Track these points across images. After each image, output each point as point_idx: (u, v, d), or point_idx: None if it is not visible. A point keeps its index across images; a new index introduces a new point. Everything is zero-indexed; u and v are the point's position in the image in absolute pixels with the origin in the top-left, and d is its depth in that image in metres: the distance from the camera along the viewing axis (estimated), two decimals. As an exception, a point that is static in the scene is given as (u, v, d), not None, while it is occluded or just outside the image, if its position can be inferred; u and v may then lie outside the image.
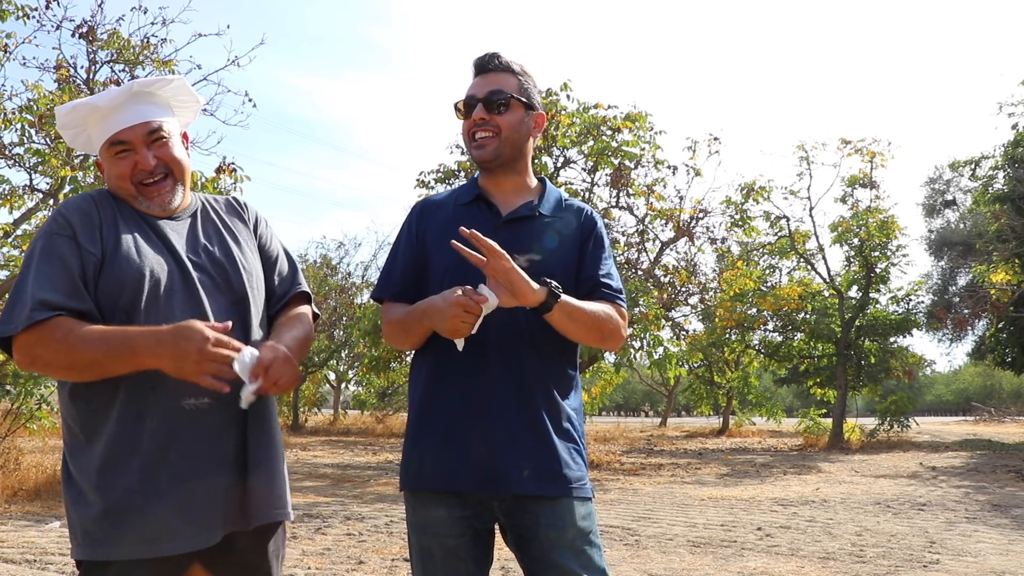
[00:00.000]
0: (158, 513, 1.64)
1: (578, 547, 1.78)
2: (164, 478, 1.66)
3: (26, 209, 7.71)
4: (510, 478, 1.77)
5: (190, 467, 1.68)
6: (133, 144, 1.78)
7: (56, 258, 1.67)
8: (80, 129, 1.87)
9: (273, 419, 1.88)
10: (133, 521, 1.63)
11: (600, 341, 1.87)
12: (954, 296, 25.08)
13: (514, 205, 1.93)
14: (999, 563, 5.21)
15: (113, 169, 1.79)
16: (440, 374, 1.85)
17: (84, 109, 1.82)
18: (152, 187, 1.79)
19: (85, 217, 1.73)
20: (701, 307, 15.68)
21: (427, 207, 2.00)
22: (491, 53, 1.94)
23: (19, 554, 5.08)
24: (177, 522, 1.65)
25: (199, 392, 1.68)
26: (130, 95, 1.81)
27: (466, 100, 1.92)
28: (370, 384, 26.13)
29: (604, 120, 12.46)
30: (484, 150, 1.90)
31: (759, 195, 16.11)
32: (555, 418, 1.84)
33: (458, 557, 1.80)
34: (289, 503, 1.87)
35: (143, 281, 1.71)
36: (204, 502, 1.69)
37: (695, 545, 5.88)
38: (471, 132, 1.91)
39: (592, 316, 1.82)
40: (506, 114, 1.89)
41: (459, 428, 1.80)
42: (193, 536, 1.67)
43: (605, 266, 1.94)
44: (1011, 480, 10.59)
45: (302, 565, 4.99)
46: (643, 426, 32.52)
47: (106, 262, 1.71)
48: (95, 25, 7.69)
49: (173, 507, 1.65)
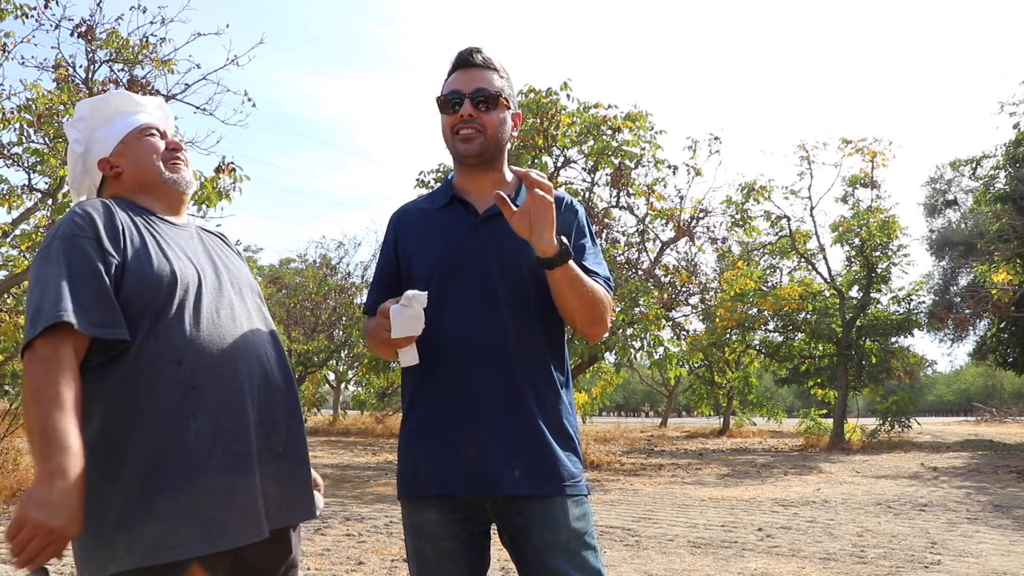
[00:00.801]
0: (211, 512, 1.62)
1: (572, 548, 1.74)
2: (211, 477, 1.64)
3: (24, 209, 7.69)
4: (502, 478, 1.74)
5: (237, 465, 1.67)
6: (162, 132, 1.96)
7: (80, 267, 1.63)
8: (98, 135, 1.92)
9: (300, 412, 1.90)
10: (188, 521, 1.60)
11: (590, 321, 1.82)
12: (955, 296, 25.04)
13: (491, 202, 1.90)
14: (1000, 564, 5.19)
15: (144, 147, 1.90)
16: (427, 378, 1.82)
17: (100, 102, 1.96)
18: (177, 162, 1.92)
19: (105, 220, 1.71)
20: (701, 307, 15.66)
21: (403, 216, 1.98)
22: (473, 48, 1.91)
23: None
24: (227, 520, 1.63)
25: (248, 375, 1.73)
26: (160, 103, 2.04)
27: (450, 96, 1.88)
28: (369, 384, 26.12)
29: (604, 120, 12.44)
30: (470, 144, 1.86)
31: (760, 195, 16.10)
32: (546, 415, 1.81)
33: (452, 560, 1.78)
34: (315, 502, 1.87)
35: (174, 285, 1.70)
36: (249, 499, 1.67)
37: (695, 546, 5.86)
38: (455, 128, 1.88)
39: (590, 290, 1.80)
40: (492, 112, 1.87)
41: (449, 430, 1.78)
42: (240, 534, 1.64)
43: (590, 255, 1.92)
44: (1013, 481, 10.57)
45: (301, 566, 4.97)
46: (643, 426, 32.52)
47: (129, 264, 1.69)
48: (94, 24, 7.67)
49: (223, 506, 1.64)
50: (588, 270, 1.86)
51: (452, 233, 1.86)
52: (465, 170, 1.93)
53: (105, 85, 7.77)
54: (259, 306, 1.91)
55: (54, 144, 7.15)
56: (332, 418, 27.98)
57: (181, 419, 1.63)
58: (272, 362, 1.81)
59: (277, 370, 1.82)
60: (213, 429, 1.65)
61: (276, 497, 1.74)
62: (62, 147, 7.16)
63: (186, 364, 1.66)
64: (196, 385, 1.66)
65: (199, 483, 1.62)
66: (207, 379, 1.67)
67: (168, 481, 1.60)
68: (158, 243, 1.76)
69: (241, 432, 1.68)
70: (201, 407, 1.65)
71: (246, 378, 1.72)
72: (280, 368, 1.83)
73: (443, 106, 1.89)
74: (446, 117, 1.89)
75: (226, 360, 1.71)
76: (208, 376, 1.67)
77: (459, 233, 1.84)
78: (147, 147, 1.90)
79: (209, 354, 1.69)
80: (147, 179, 1.87)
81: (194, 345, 1.68)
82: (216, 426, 1.66)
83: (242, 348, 1.75)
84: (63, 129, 6.97)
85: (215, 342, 1.71)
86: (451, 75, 1.91)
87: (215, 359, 1.69)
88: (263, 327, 1.86)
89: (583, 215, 1.96)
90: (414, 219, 1.95)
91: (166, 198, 1.89)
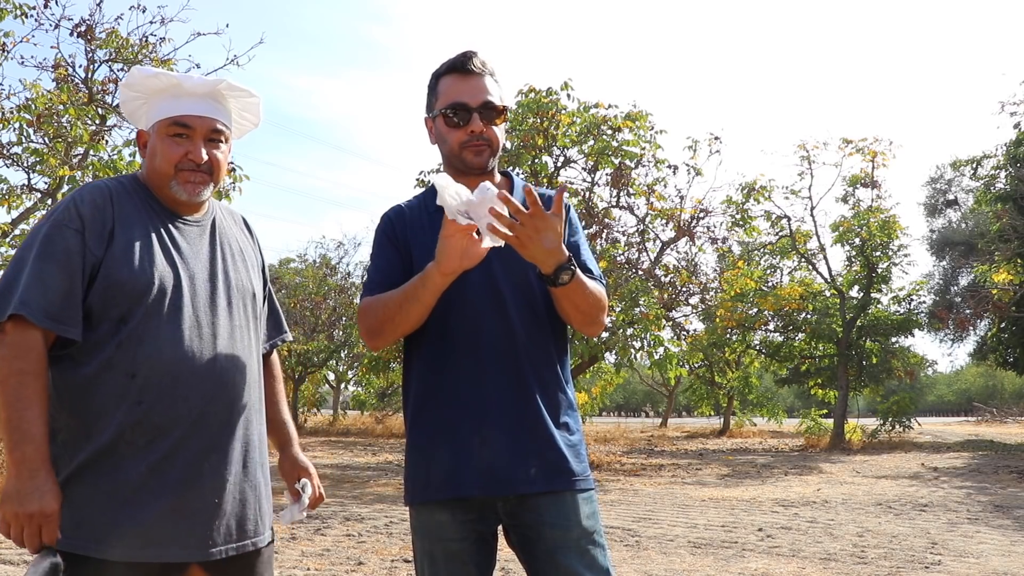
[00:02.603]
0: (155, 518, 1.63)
1: (583, 547, 1.76)
2: (166, 484, 1.65)
3: (24, 208, 7.69)
4: (517, 478, 1.75)
5: (194, 473, 1.67)
6: (194, 133, 1.78)
7: (58, 258, 1.64)
8: (145, 98, 1.82)
9: (263, 441, 1.87)
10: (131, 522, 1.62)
11: (588, 323, 1.83)
12: (956, 296, 25.05)
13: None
14: (1001, 564, 5.18)
15: (163, 149, 1.77)
16: (434, 381, 1.81)
17: (165, 80, 1.79)
18: (190, 174, 1.77)
19: (98, 213, 1.69)
20: (702, 307, 15.64)
21: (400, 214, 1.94)
22: (469, 53, 1.87)
23: (18, 555, 5.06)
24: (176, 529, 1.65)
25: (200, 401, 1.70)
26: (213, 88, 1.81)
27: (457, 108, 1.84)
28: (369, 384, 26.11)
29: (604, 119, 12.43)
30: (480, 158, 1.86)
31: (760, 195, 16.08)
32: (554, 413, 1.82)
33: (462, 561, 1.78)
34: (268, 528, 1.85)
35: (146, 294, 1.68)
36: (204, 512, 1.68)
37: (696, 546, 5.85)
38: (464, 144, 1.84)
39: (594, 297, 1.81)
40: (499, 125, 1.87)
41: (460, 433, 1.77)
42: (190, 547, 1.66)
43: (584, 252, 1.92)
44: (1013, 481, 10.56)
45: (301, 566, 4.97)
46: (643, 426, 32.51)
47: (105, 264, 1.67)
48: (93, 24, 7.67)
49: (172, 513, 1.65)
50: (584, 268, 1.86)
51: None
52: (458, 174, 1.89)
53: (105, 84, 7.77)
54: (249, 321, 1.85)
55: (53, 144, 7.14)
56: (332, 418, 27.96)
57: (119, 430, 1.64)
58: (239, 388, 1.78)
59: (243, 396, 1.78)
60: (147, 446, 1.65)
61: (223, 521, 1.72)
62: (61, 147, 7.16)
63: (138, 378, 1.66)
64: (141, 401, 1.65)
65: (118, 492, 1.63)
66: (154, 397, 1.66)
67: (94, 478, 1.63)
68: (152, 244, 1.73)
69: (177, 455, 1.67)
70: (141, 423, 1.65)
71: (199, 403, 1.70)
72: (246, 394, 1.79)
73: (449, 120, 1.85)
74: (452, 130, 1.86)
75: (181, 381, 1.68)
76: (156, 395, 1.66)
77: None
78: (167, 149, 1.77)
79: (164, 372, 1.67)
80: (156, 181, 1.80)
81: (151, 360, 1.67)
82: (151, 443, 1.65)
83: (205, 370, 1.71)
84: (63, 127, 6.97)
85: (175, 360, 1.68)
86: (446, 79, 1.88)
87: (169, 378, 1.67)
88: (244, 347, 1.81)
89: (574, 213, 1.96)
90: (413, 218, 1.92)
91: (175, 201, 1.81)
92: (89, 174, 7.33)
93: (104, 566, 1.62)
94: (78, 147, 7.32)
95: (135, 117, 1.88)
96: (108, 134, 7.81)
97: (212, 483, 1.71)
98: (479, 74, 1.86)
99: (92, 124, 7.46)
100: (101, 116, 7.75)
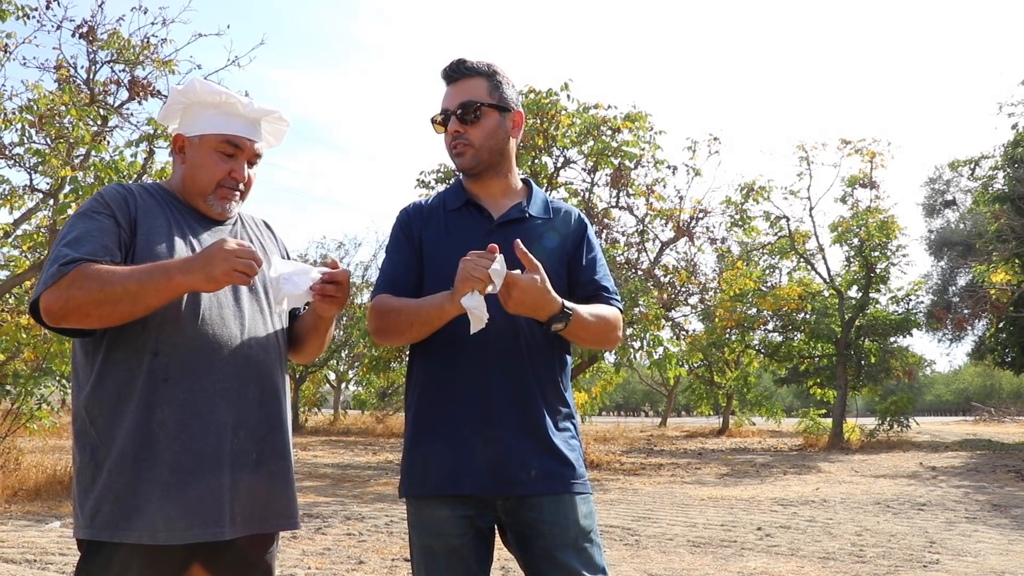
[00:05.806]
0: (159, 503, 1.66)
1: (580, 545, 1.79)
2: (167, 469, 1.68)
3: (26, 209, 7.71)
4: (518, 479, 1.78)
5: (195, 461, 1.70)
6: (242, 154, 1.88)
7: (92, 225, 1.72)
8: (196, 108, 1.87)
9: (286, 423, 1.89)
10: (140, 508, 1.66)
11: (598, 345, 1.94)
12: (954, 296, 25.05)
13: (503, 208, 1.95)
14: (999, 563, 5.21)
15: (210, 164, 1.85)
16: (439, 380, 1.85)
17: (224, 98, 1.86)
18: (228, 191, 1.87)
19: (123, 203, 1.78)
20: (701, 307, 15.67)
21: (417, 212, 1.99)
22: (456, 60, 1.93)
23: (19, 554, 5.08)
24: (176, 514, 1.67)
25: (212, 381, 1.73)
26: (264, 113, 1.92)
27: (440, 115, 1.94)
28: (370, 384, 26.12)
29: (604, 120, 12.46)
30: (463, 158, 1.92)
31: (759, 195, 16.10)
32: (554, 416, 1.87)
33: (460, 556, 1.80)
34: (297, 512, 1.90)
35: None
36: (206, 498, 1.70)
37: (695, 545, 5.88)
38: (448, 145, 1.94)
39: (598, 326, 1.87)
40: (478, 124, 1.90)
41: (463, 432, 1.80)
42: (186, 530, 1.68)
43: (601, 269, 1.99)
44: (1011, 480, 10.60)
45: (302, 565, 4.99)
46: (643, 426, 32.52)
47: (136, 243, 1.75)
48: (95, 25, 7.69)
49: (175, 499, 1.67)
50: (600, 286, 1.95)
51: (469, 236, 1.88)
52: (471, 179, 1.97)
53: (106, 85, 7.79)
54: (272, 305, 1.91)
55: (55, 145, 7.16)
56: (332, 418, 27.97)
57: (149, 408, 1.69)
58: (264, 370, 1.82)
59: (267, 378, 1.83)
60: (177, 423, 1.70)
61: (248, 503, 1.76)
62: (63, 147, 7.17)
63: (162, 355, 1.71)
64: (168, 378, 1.70)
65: (151, 474, 1.67)
66: (179, 373, 1.71)
67: (128, 465, 1.67)
68: (172, 233, 1.79)
69: (206, 431, 1.71)
70: (169, 400, 1.70)
71: (223, 379, 1.74)
72: (271, 377, 1.84)
73: (435, 126, 1.96)
74: (442, 135, 1.95)
75: (203, 359, 1.73)
76: (180, 371, 1.71)
77: (476, 237, 1.86)
78: (214, 164, 1.85)
79: (187, 349, 1.72)
80: (193, 190, 1.87)
81: (174, 339, 1.72)
82: (181, 421, 1.70)
83: (228, 350, 1.76)
84: (65, 128, 6.98)
85: (197, 339, 1.74)
86: (444, 91, 1.97)
87: (192, 355, 1.72)
88: (267, 329, 1.86)
89: (591, 230, 2.03)
90: (430, 217, 1.97)
91: (206, 210, 1.89)
92: (91, 175, 7.35)
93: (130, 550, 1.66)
94: (80, 148, 7.34)
95: (169, 118, 1.94)
96: (110, 135, 7.83)
97: (233, 462, 1.74)
98: (463, 77, 1.92)
99: (94, 125, 7.48)
100: (103, 117, 7.77)
